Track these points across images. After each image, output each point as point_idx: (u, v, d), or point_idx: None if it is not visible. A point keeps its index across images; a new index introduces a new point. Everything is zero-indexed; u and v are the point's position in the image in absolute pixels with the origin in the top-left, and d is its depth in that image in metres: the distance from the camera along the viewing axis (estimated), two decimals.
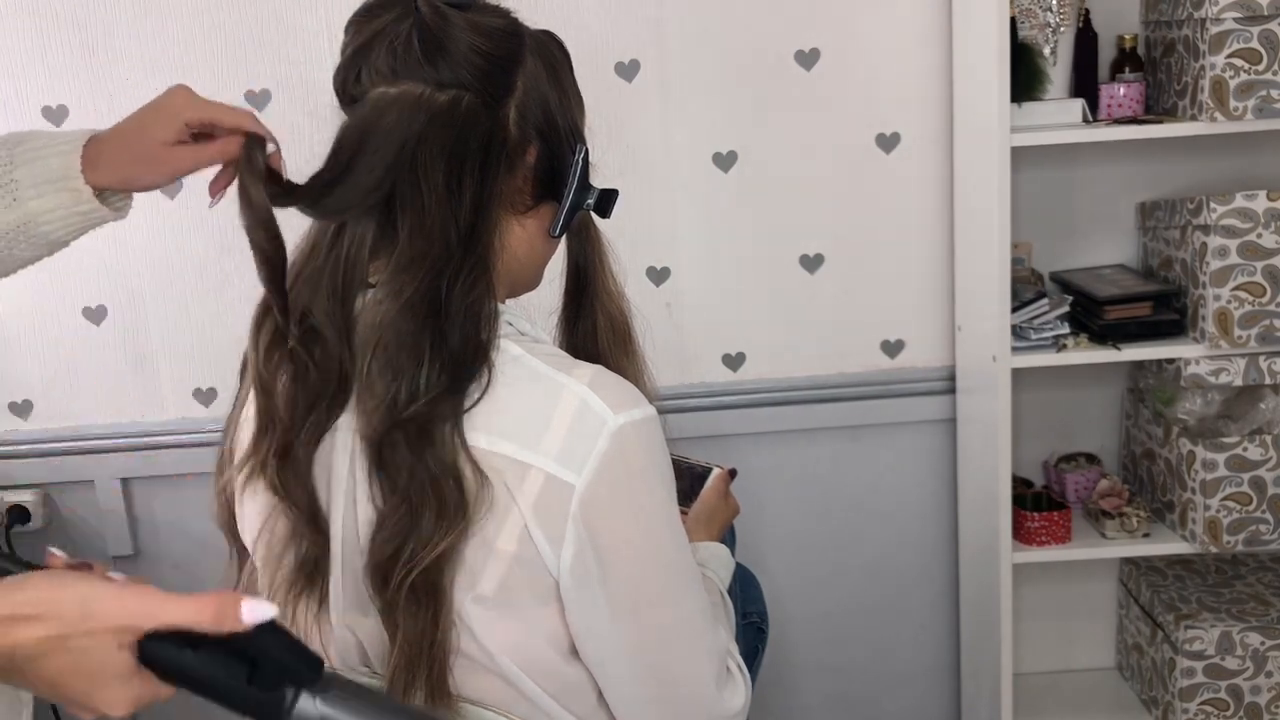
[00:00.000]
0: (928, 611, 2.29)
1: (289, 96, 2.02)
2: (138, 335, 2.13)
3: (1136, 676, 2.22)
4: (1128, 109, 1.96)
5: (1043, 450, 2.23)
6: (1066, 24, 1.95)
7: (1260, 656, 2.02)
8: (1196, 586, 2.15)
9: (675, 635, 1.02)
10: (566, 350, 1.08)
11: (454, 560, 0.94)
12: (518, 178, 1.01)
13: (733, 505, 1.44)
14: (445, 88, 0.96)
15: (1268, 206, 1.83)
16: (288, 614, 1.01)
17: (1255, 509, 1.93)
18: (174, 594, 0.71)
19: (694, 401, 2.16)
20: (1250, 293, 1.85)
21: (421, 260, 0.94)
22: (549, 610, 0.98)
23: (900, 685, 2.33)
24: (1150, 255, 2.10)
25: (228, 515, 1.10)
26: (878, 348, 2.17)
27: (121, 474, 2.17)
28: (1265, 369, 1.89)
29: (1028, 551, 2.01)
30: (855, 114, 2.07)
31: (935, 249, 2.13)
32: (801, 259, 2.13)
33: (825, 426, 2.19)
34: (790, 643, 2.28)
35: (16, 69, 2.02)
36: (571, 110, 1.05)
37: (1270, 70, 1.78)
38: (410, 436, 0.92)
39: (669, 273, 2.13)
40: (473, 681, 0.99)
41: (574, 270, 1.12)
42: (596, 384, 0.96)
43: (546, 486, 0.94)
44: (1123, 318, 1.94)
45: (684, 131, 2.07)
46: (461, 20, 0.97)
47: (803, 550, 2.26)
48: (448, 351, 0.93)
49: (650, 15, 2.03)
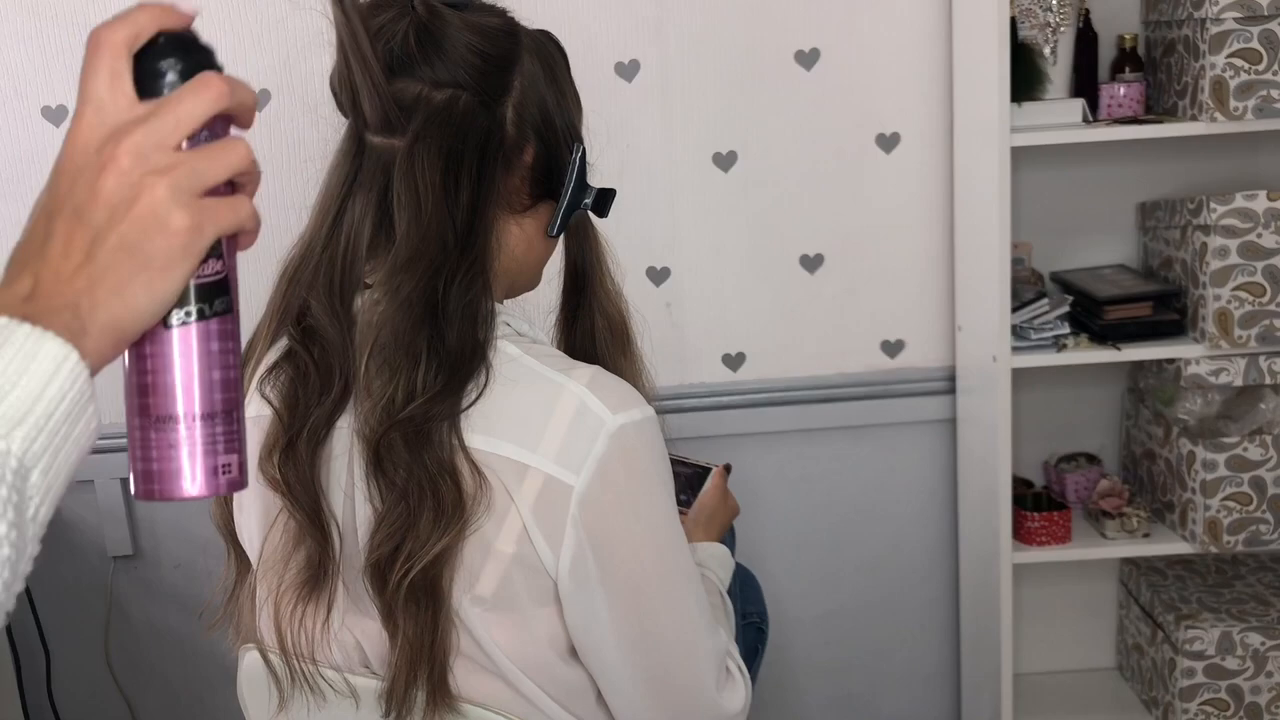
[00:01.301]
0: (928, 611, 2.29)
1: (289, 96, 2.02)
2: None
3: (1137, 676, 2.22)
4: (1128, 109, 1.96)
5: (1043, 450, 2.23)
6: (1066, 24, 1.94)
7: (1260, 657, 2.01)
8: (1197, 586, 2.15)
9: (675, 636, 1.02)
10: (565, 350, 1.08)
11: (452, 561, 0.94)
12: (515, 177, 1.01)
13: (732, 505, 1.44)
14: (442, 87, 0.96)
15: (1268, 206, 1.83)
16: (295, 617, 1.01)
17: (1255, 509, 1.93)
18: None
19: (694, 401, 2.16)
20: (1250, 293, 1.85)
21: (418, 260, 0.94)
22: (548, 611, 0.98)
23: (900, 685, 2.33)
24: (1150, 255, 2.10)
25: (227, 516, 1.10)
26: (878, 348, 2.17)
27: (121, 474, 2.17)
28: (1265, 369, 1.89)
29: (1028, 551, 2.01)
30: (855, 114, 2.07)
31: (935, 249, 2.13)
32: (801, 259, 2.13)
33: (825, 426, 2.18)
34: (790, 643, 2.28)
35: (16, 69, 2.02)
36: (569, 110, 1.05)
37: (1270, 70, 1.78)
38: (408, 436, 0.92)
39: (669, 273, 2.13)
40: (472, 682, 0.99)
41: (572, 270, 1.12)
42: (595, 385, 0.96)
43: (545, 487, 0.94)
44: (1123, 318, 1.94)
45: (684, 131, 2.07)
46: (458, 20, 0.97)
47: (803, 550, 2.26)
48: (445, 351, 0.93)
49: (650, 15, 2.03)
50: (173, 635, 2.28)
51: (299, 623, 1.01)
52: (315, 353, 0.97)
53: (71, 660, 2.28)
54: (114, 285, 0.57)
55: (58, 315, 0.55)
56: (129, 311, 0.57)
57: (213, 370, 0.63)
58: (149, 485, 0.63)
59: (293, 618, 1.01)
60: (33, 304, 0.56)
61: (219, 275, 0.62)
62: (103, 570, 2.24)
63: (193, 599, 2.22)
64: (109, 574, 2.24)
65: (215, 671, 2.22)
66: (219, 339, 0.63)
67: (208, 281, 0.61)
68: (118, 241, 0.57)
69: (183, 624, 2.25)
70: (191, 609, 2.21)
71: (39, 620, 2.18)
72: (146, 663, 2.30)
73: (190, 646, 2.27)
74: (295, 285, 0.98)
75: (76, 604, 2.25)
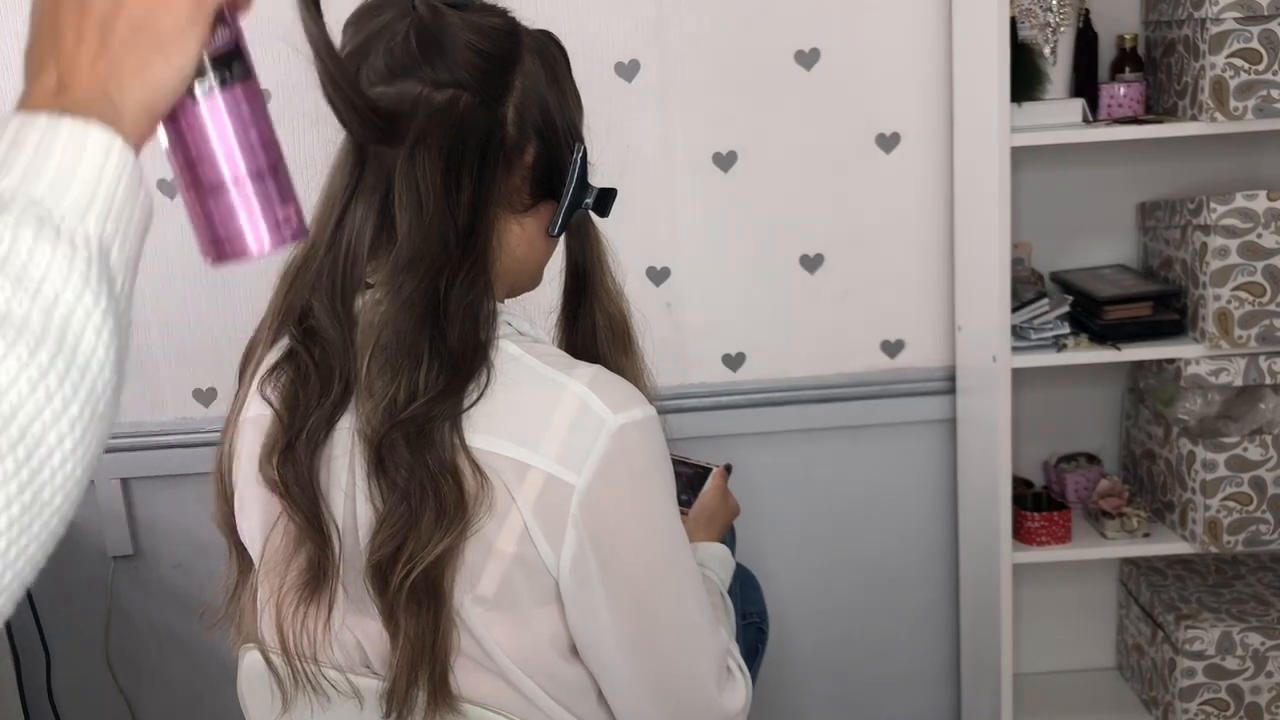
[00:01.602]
0: (928, 611, 2.29)
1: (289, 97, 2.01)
2: (138, 335, 2.13)
3: (1136, 676, 2.22)
4: (1128, 109, 1.96)
5: (1043, 450, 2.23)
6: (1066, 24, 1.94)
7: (1260, 656, 2.01)
8: (1196, 586, 2.15)
9: (676, 635, 1.02)
10: (566, 350, 1.08)
11: (454, 560, 0.94)
12: (516, 177, 1.01)
13: (733, 505, 1.44)
14: (443, 87, 0.96)
15: (1268, 206, 1.83)
16: (297, 618, 1.01)
17: (1255, 509, 1.93)
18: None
19: (694, 401, 2.16)
20: (1250, 293, 1.85)
21: (420, 260, 0.94)
22: (549, 610, 0.98)
23: (900, 685, 2.33)
24: (1150, 255, 2.10)
25: (228, 515, 1.10)
26: (878, 348, 2.17)
27: (121, 474, 2.17)
28: (1265, 369, 1.89)
29: (1028, 551, 2.01)
30: (855, 114, 2.07)
31: (935, 249, 2.13)
32: (801, 259, 2.13)
33: (825, 426, 2.18)
34: (790, 643, 2.28)
35: (16, 68, 2.02)
36: (570, 110, 1.05)
37: (1270, 70, 1.78)
38: (409, 437, 0.92)
39: (669, 273, 2.13)
40: (473, 682, 0.99)
41: (573, 270, 1.12)
42: (596, 384, 0.96)
43: (546, 487, 0.94)
44: (1123, 318, 1.94)
45: (684, 131, 2.07)
46: (459, 20, 0.97)
47: (803, 550, 2.26)
48: (446, 351, 0.93)
49: (650, 15, 2.03)
50: (173, 635, 2.28)
51: (301, 623, 1.01)
52: (316, 354, 0.97)
53: (71, 660, 2.28)
54: (134, 66, 0.60)
55: (93, 104, 0.58)
56: (154, 88, 0.60)
57: (249, 131, 0.67)
58: (220, 249, 0.66)
59: (294, 619, 1.01)
60: (65, 97, 0.58)
61: (230, 44, 0.65)
62: (103, 570, 2.24)
63: (193, 599, 2.22)
64: (109, 574, 2.24)
65: (215, 671, 2.22)
66: (247, 102, 0.67)
67: (221, 51, 0.65)
68: (127, 24, 0.59)
69: (183, 624, 2.25)
70: (191, 609, 2.21)
71: (39, 620, 2.18)
72: (146, 663, 2.30)
73: (190, 646, 2.27)
74: (297, 286, 0.99)
75: (76, 604, 2.25)
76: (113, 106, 0.58)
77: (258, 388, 1.01)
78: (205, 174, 0.66)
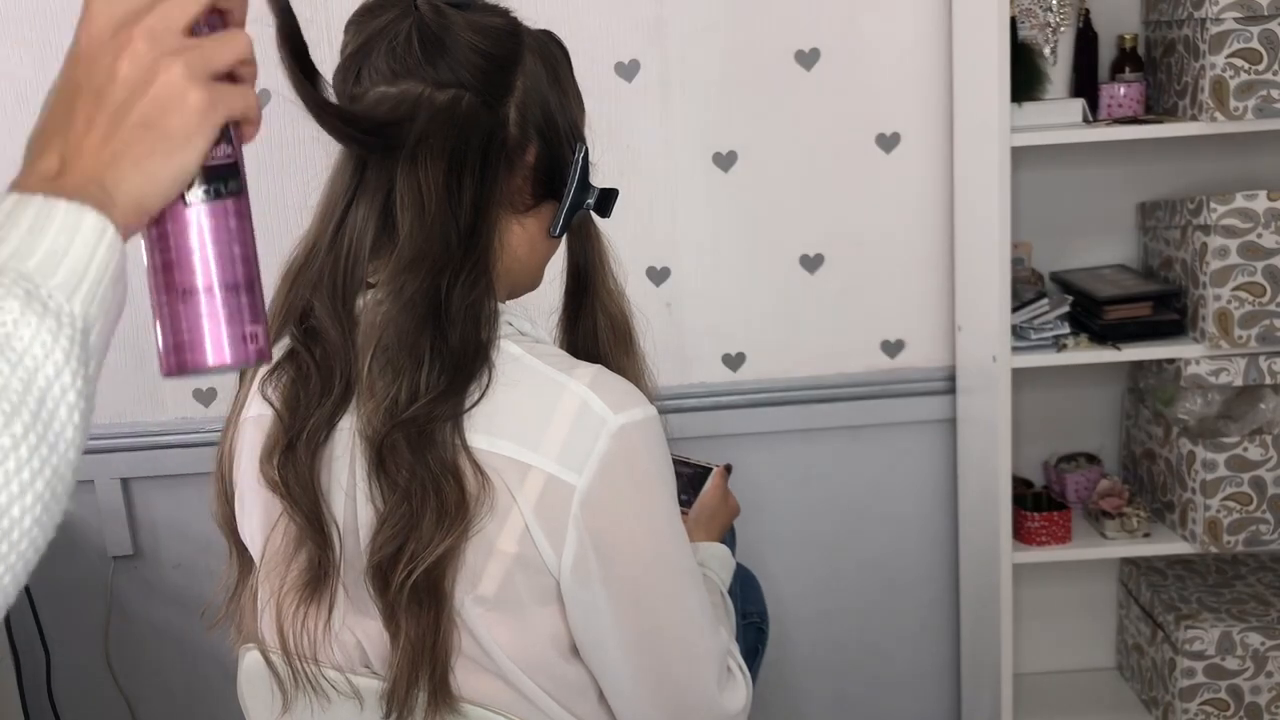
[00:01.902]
0: (928, 611, 2.29)
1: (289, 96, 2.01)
2: (138, 335, 2.13)
3: (1136, 676, 2.22)
4: (1128, 109, 1.96)
5: (1043, 450, 2.23)
6: (1066, 24, 1.94)
7: (1260, 657, 2.01)
8: (1196, 586, 2.15)
9: (676, 635, 1.02)
10: (567, 350, 1.08)
11: (455, 561, 0.94)
12: (517, 177, 1.01)
13: (733, 505, 1.44)
14: (445, 87, 0.96)
15: (1268, 206, 1.83)
16: (297, 618, 1.01)
17: (1255, 509, 1.93)
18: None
19: (694, 401, 2.16)
20: (1250, 293, 1.85)
21: (421, 260, 0.94)
22: (550, 610, 0.98)
23: (900, 685, 2.33)
24: (1150, 255, 2.10)
25: (229, 515, 1.10)
26: (878, 348, 2.17)
27: (121, 474, 2.17)
28: (1265, 369, 1.89)
29: (1028, 551, 2.01)
30: (855, 114, 2.07)
31: (935, 249, 2.13)
32: (801, 259, 2.13)
33: (825, 426, 2.18)
34: (790, 643, 2.28)
35: (17, 69, 2.02)
36: (571, 110, 1.05)
37: (1270, 70, 1.78)
38: (410, 437, 0.92)
39: (669, 273, 2.13)
40: (474, 682, 0.99)
41: (574, 270, 1.12)
42: (597, 384, 0.96)
43: (547, 487, 0.94)
44: (1123, 318, 1.94)
45: (684, 131, 2.07)
46: (461, 20, 0.97)
47: (803, 550, 2.26)
48: (448, 352, 0.93)
49: (650, 15, 2.03)
50: (173, 635, 2.28)
51: (301, 624, 1.01)
52: (317, 354, 0.97)
53: (71, 660, 2.28)
54: (136, 159, 0.61)
55: (88, 190, 0.59)
56: (151, 184, 0.62)
57: (233, 244, 0.67)
58: (180, 356, 0.66)
59: (295, 619, 1.01)
60: (62, 181, 0.59)
61: (230, 159, 0.67)
62: (103, 570, 2.24)
63: (193, 599, 2.22)
64: (109, 574, 2.24)
65: (215, 671, 2.22)
66: (235, 217, 0.67)
67: (220, 164, 0.66)
68: (138, 119, 0.61)
69: (183, 624, 2.25)
70: (192, 609, 2.21)
71: (39, 620, 2.18)
72: (146, 663, 2.29)
73: (190, 646, 2.27)
74: (298, 286, 0.99)
75: (76, 604, 2.25)
76: (107, 195, 0.59)
77: (258, 387, 1.01)
78: (180, 278, 0.66)
